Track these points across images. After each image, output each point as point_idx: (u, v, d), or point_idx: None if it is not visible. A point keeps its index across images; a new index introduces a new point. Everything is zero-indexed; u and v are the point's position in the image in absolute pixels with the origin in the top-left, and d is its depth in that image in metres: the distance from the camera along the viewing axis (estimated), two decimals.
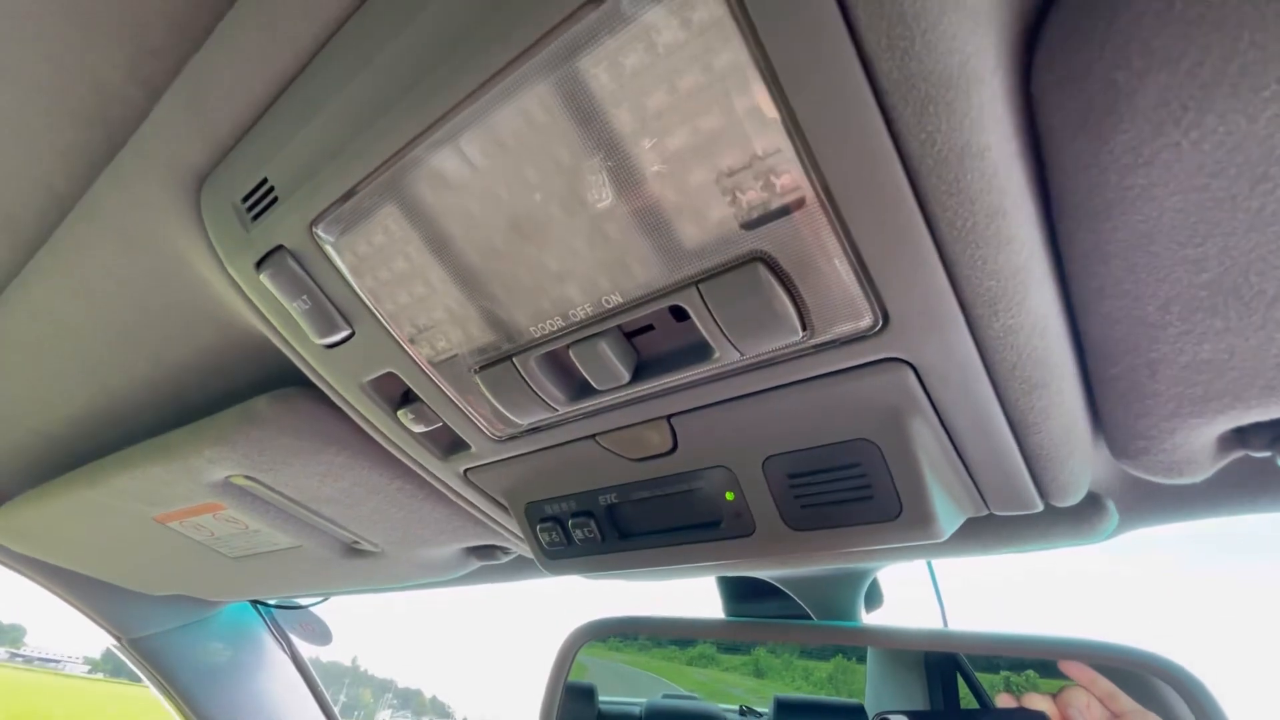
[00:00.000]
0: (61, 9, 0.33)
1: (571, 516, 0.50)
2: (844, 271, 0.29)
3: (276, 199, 0.36)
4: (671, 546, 0.46)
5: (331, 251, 0.37)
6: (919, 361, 0.32)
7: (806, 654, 0.67)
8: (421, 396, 0.45)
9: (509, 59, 0.26)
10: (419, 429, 0.48)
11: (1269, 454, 0.37)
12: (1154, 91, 0.24)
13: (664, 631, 0.71)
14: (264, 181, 0.36)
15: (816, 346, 0.33)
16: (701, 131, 0.26)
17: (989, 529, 0.50)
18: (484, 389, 0.41)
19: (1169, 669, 0.49)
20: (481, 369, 0.40)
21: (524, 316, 0.36)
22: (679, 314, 0.34)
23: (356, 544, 0.78)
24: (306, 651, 1.38)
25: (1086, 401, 0.38)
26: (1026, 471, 0.39)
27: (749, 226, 0.29)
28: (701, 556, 0.46)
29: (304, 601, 1.32)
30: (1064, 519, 0.47)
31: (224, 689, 1.26)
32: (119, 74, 0.37)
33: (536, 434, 0.45)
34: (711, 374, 0.36)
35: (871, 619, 0.68)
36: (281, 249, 0.38)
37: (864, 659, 0.64)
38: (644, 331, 0.37)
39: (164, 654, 1.23)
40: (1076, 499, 0.43)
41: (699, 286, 0.31)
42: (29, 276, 0.53)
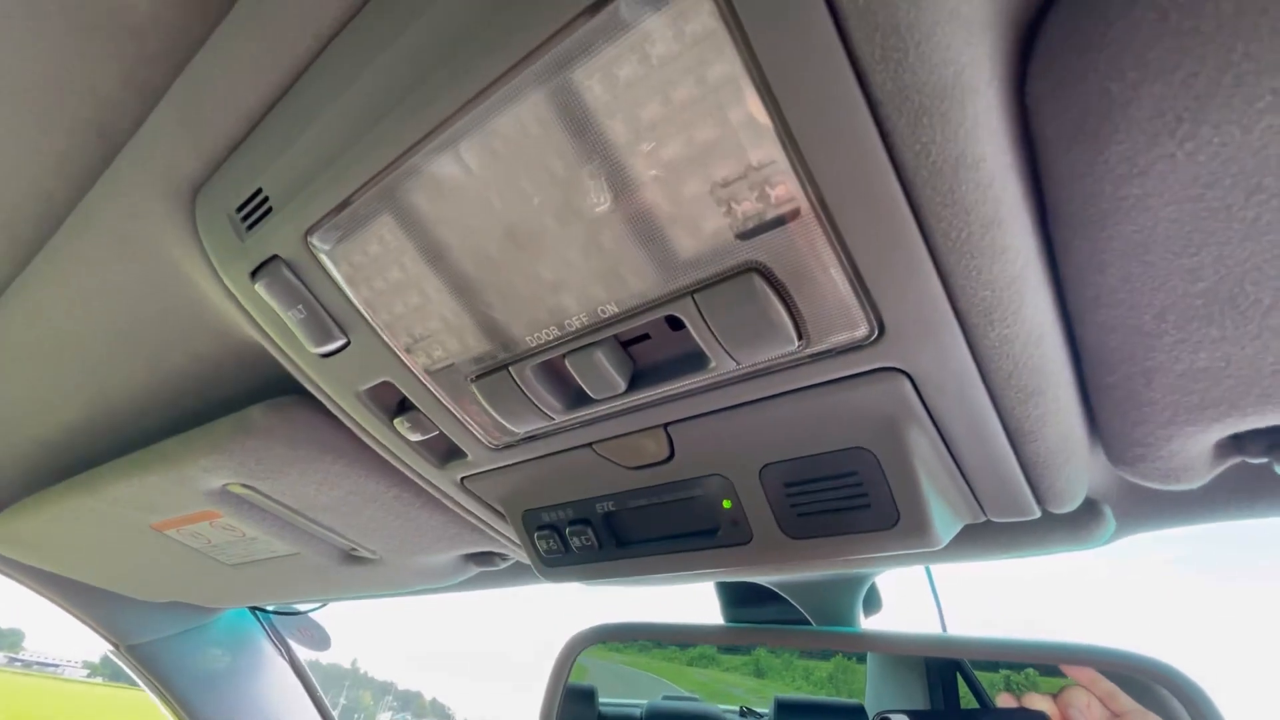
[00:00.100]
0: (57, 17, 0.33)
1: (569, 524, 0.50)
2: (839, 282, 0.29)
3: (271, 209, 0.36)
4: (669, 554, 0.46)
5: (327, 261, 0.37)
6: (915, 371, 0.32)
7: (807, 654, 0.67)
8: (418, 405, 0.45)
9: (503, 70, 0.26)
10: (415, 437, 0.48)
11: (1266, 460, 0.37)
12: (1148, 102, 0.24)
13: (663, 637, 0.71)
14: (259, 191, 0.36)
15: (812, 356, 0.33)
16: (696, 142, 0.26)
17: (986, 535, 0.50)
18: (480, 398, 0.41)
19: (1166, 673, 0.49)
20: (478, 378, 0.40)
21: (520, 326, 0.36)
22: (675, 323, 0.34)
23: (354, 551, 0.78)
24: (305, 654, 1.38)
25: (1083, 409, 0.38)
26: (1023, 479, 0.39)
27: (744, 237, 0.29)
28: (699, 564, 0.46)
29: (302, 607, 1.32)
30: (1061, 525, 0.47)
31: (223, 695, 1.26)
32: (114, 82, 0.37)
33: (533, 442, 0.45)
34: (708, 383, 0.36)
35: (871, 623, 0.68)
36: (276, 259, 0.38)
37: (864, 659, 0.64)
38: (641, 340, 0.37)
39: (162, 660, 1.22)
40: (1073, 505, 0.43)
41: (694, 297, 0.31)
42: (25, 283, 0.53)
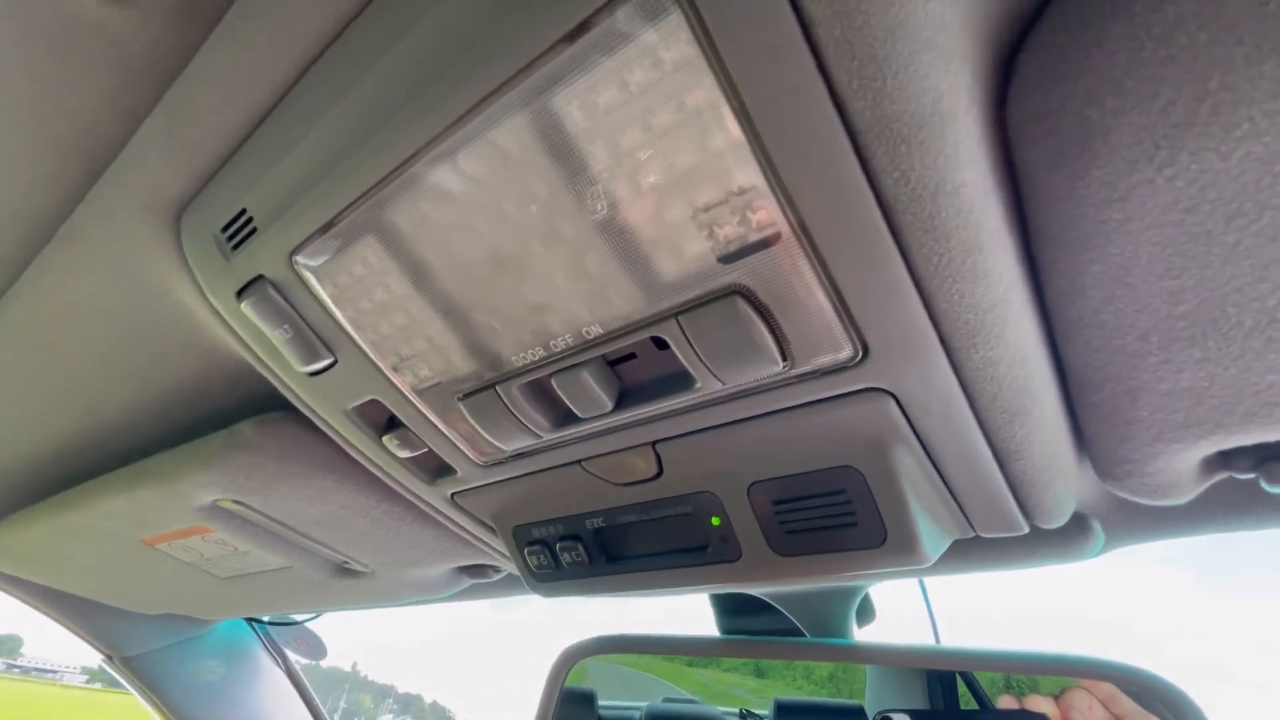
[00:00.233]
0: (40, 38, 0.33)
1: (559, 540, 0.50)
2: (822, 305, 0.29)
3: (256, 229, 0.36)
4: (658, 570, 0.46)
5: (312, 281, 0.37)
6: (900, 392, 0.32)
7: None
8: (406, 423, 0.45)
9: (484, 94, 0.26)
10: (404, 454, 0.48)
11: (1253, 476, 0.37)
12: (1127, 130, 0.24)
13: (658, 649, 0.70)
14: (243, 212, 0.36)
15: (798, 377, 0.33)
16: (676, 167, 0.26)
17: (976, 549, 0.50)
18: (468, 416, 0.41)
19: (1156, 684, 0.49)
20: (465, 397, 0.40)
21: (506, 346, 0.36)
22: (662, 342, 0.34)
23: (347, 564, 0.78)
24: (304, 660, 1.38)
25: (1070, 426, 0.38)
26: (1011, 496, 0.38)
27: (726, 260, 0.29)
28: (688, 580, 0.46)
29: (298, 616, 1.31)
30: (1051, 539, 0.47)
31: (219, 706, 1.25)
32: (98, 103, 0.37)
33: (522, 459, 0.45)
34: (694, 402, 0.36)
35: (864, 634, 0.68)
36: (262, 279, 0.38)
37: None
38: (628, 359, 0.36)
39: (158, 671, 1.22)
40: (1061, 521, 0.43)
41: (679, 319, 0.31)
42: (11, 302, 0.53)
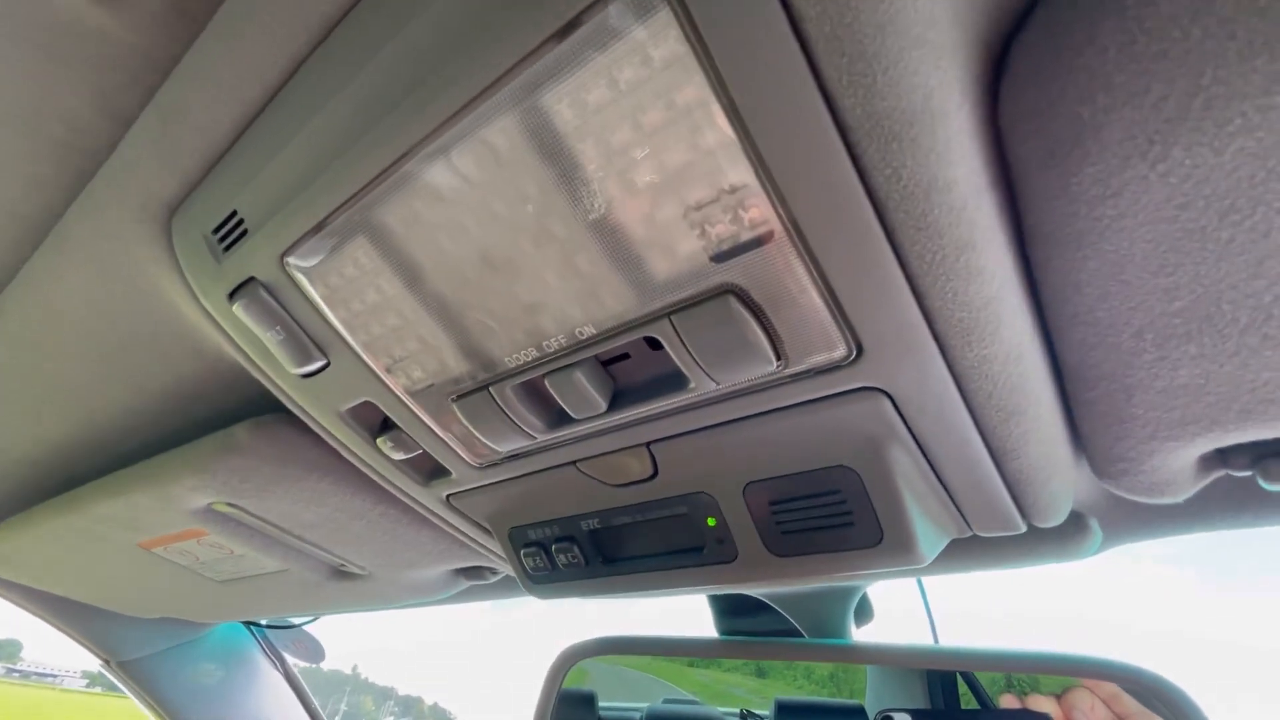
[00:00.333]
0: (28, 42, 0.33)
1: (555, 542, 0.50)
2: (815, 303, 0.29)
3: (247, 231, 0.35)
4: (655, 572, 0.46)
5: (304, 283, 0.37)
6: (894, 391, 0.32)
7: None
8: (400, 425, 0.45)
9: (473, 94, 0.26)
10: (399, 456, 0.47)
11: (1250, 473, 0.37)
12: (1119, 126, 0.24)
13: (657, 651, 0.70)
14: (234, 214, 0.35)
15: (792, 376, 0.33)
16: (667, 166, 0.26)
17: (974, 548, 0.50)
18: (462, 418, 0.41)
19: (1159, 685, 0.49)
20: (459, 398, 0.40)
21: (498, 347, 0.36)
22: (655, 342, 0.34)
23: (343, 567, 0.77)
24: (303, 663, 1.37)
25: (1066, 425, 0.38)
26: (1008, 495, 0.38)
27: (719, 259, 0.28)
28: (685, 581, 0.45)
29: (296, 619, 1.31)
30: (1048, 538, 0.47)
31: (217, 709, 1.25)
32: (87, 106, 0.36)
33: (517, 460, 0.45)
34: (689, 402, 0.36)
35: (863, 633, 0.68)
36: (253, 280, 0.38)
37: None
38: (622, 359, 0.36)
39: (155, 675, 1.21)
40: (1059, 520, 0.42)
41: (671, 318, 0.31)
42: (2, 305, 0.52)
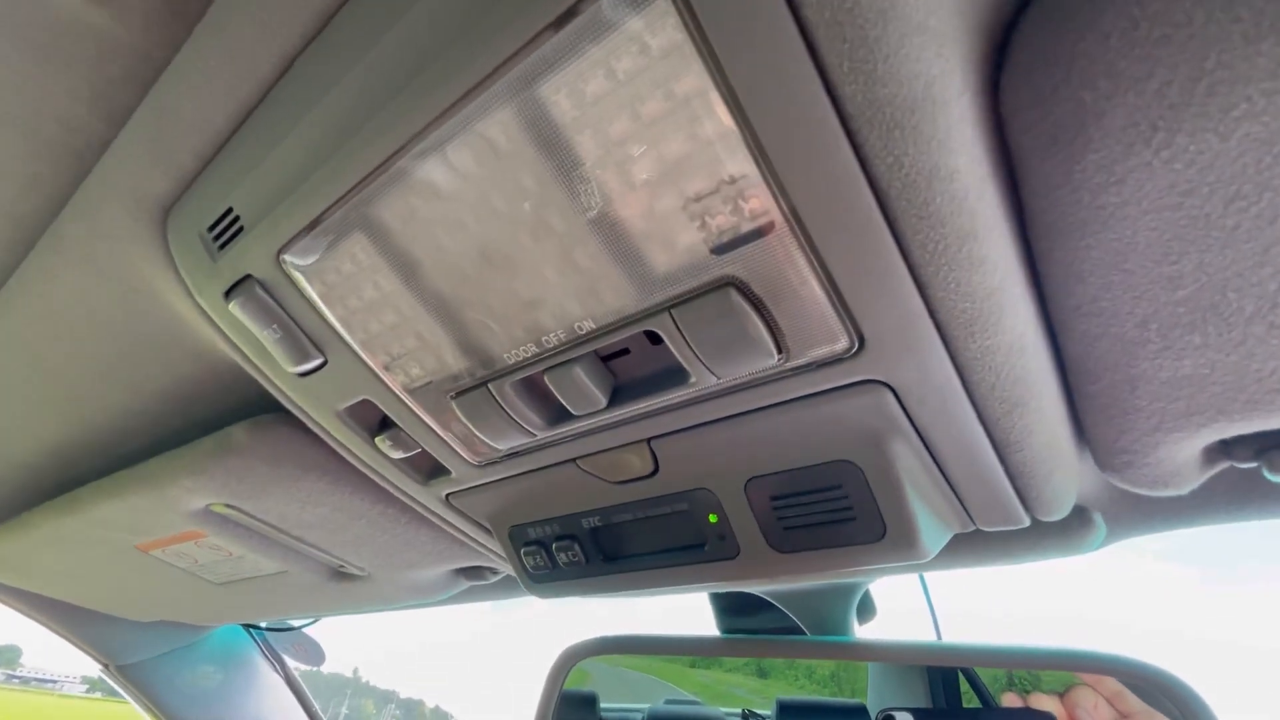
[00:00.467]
0: (18, 41, 0.33)
1: (555, 540, 0.49)
2: (817, 295, 0.28)
3: (242, 228, 0.35)
4: (656, 569, 0.46)
5: (301, 280, 0.36)
6: (897, 383, 0.32)
7: None
8: (399, 423, 0.44)
9: (468, 87, 0.26)
10: (397, 455, 0.47)
11: (1255, 465, 0.37)
12: (1122, 112, 0.23)
13: (658, 650, 0.70)
14: (229, 211, 0.35)
15: (793, 370, 0.32)
16: (667, 157, 0.26)
17: (976, 542, 0.50)
18: (461, 415, 0.40)
19: (1164, 680, 0.48)
20: (457, 395, 0.39)
21: (497, 343, 0.36)
22: (655, 338, 0.33)
23: (342, 568, 0.77)
24: (304, 666, 1.37)
25: (1070, 417, 0.38)
26: (1011, 489, 0.38)
27: (719, 251, 0.28)
28: (687, 579, 0.45)
29: (296, 621, 1.30)
30: (1052, 532, 0.47)
31: (217, 713, 1.24)
32: (80, 105, 0.36)
33: (516, 458, 0.45)
34: (689, 397, 0.36)
35: (865, 630, 0.68)
36: (250, 278, 0.37)
37: None
38: (621, 354, 0.36)
39: (155, 679, 1.21)
40: (1063, 514, 0.42)
41: (672, 312, 0.31)
42: None
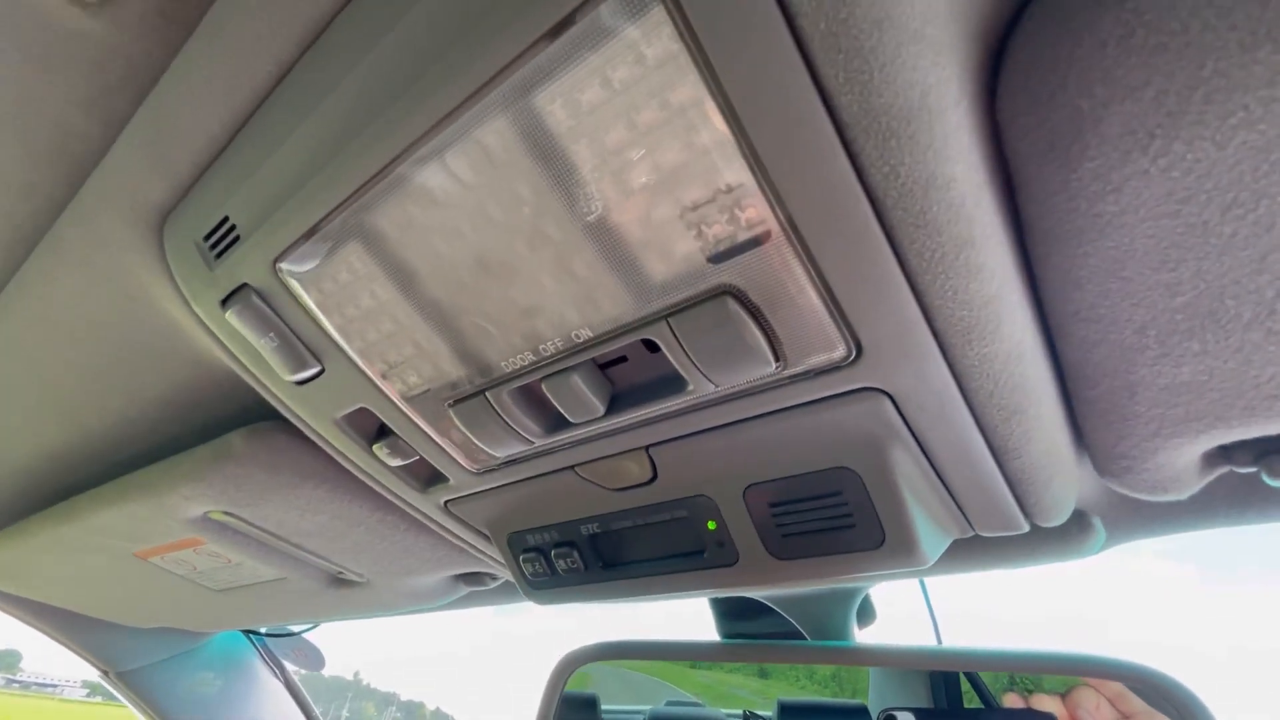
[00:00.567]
0: (16, 45, 0.33)
1: (554, 547, 0.49)
2: (814, 303, 0.28)
3: (239, 237, 0.35)
4: (655, 576, 0.46)
5: (297, 289, 0.36)
6: (895, 391, 0.32)
7: None
8: (396, 431, 0.44)
9: (464, 96, 0.26)
10: (395, 463, 0.47)
11: (1254, 469, 0.36)
12: (1119, 119, 0.23)
13: (658, 655, 0.70)
14: (225, 220, 0.35)
15: (791, 377, 0.32)
16: (663, 166, 0.26)
17: (976, 548, 0.50)
18: (458, 423, 0.40)
19: (1165, 684, 0.48)
20: (455, 403, 0.39)
21: (494, 351, 0.36)
22: (653, 345, 0.33)
23: (341, 574, 0.77)
24: (302, 670, 1.37)
25: (1068, 423, 0.38)
26: (1010, 495, 0.38)
27: (716, 260, 0.28)
28: (686, 586, 0.45)
29: (295, 627, 1.30)
30: (1051, 537, 0.47)
31: (217, 719, 1.24)
32: (77, 111, 0.36)
33: (515, 466, 0.45)
34: (687, 405, 0.36)
35: (865, 635, 0.68)
36: (246, 287, 0.37)
37: None
38: (619, 362, 0.36)
39: (155, 686, 1.20)
40: (1062, 519, 0.42)
41: (669, 320, 0.30)
42: None
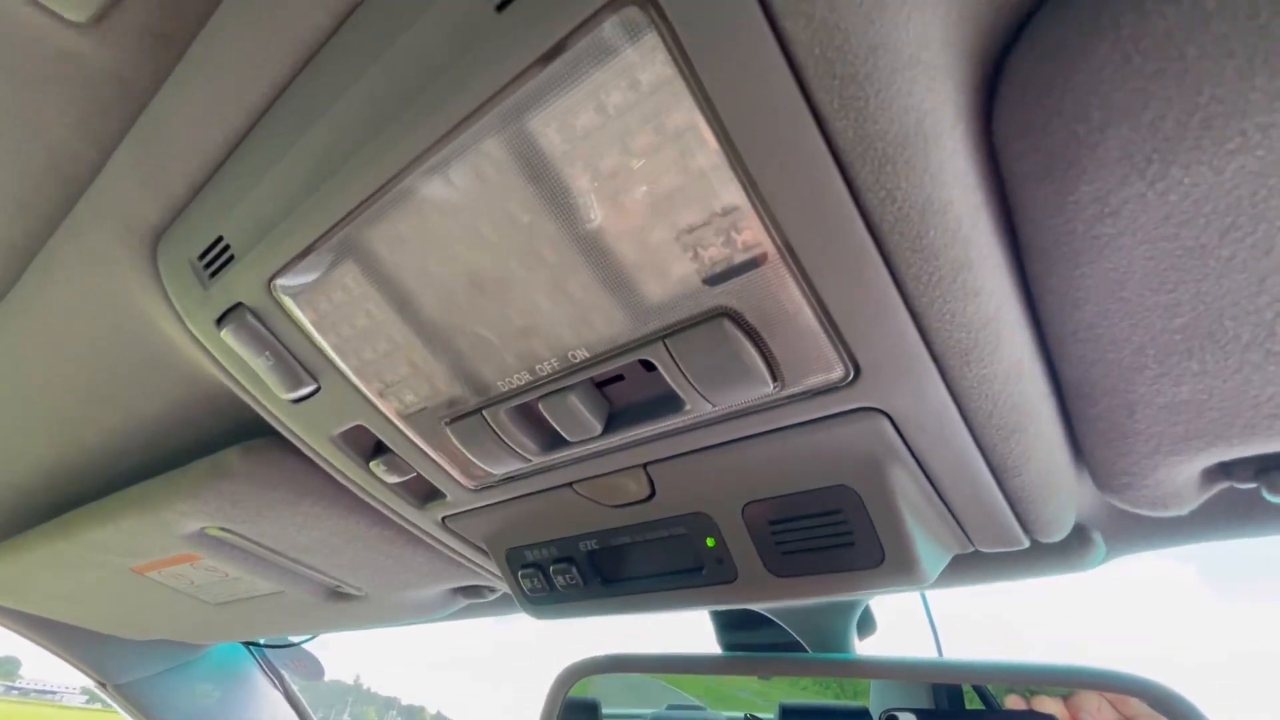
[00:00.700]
0: (10, 65, 0.33)
1: (553, 563, 0.49)
2: (811, 325, 0.28)
3: (233, 257, 0.35)
4: (654, 592, 0.45)
5: (293, 308, 0.36)
6: (893, 411, 0.31)
7: None
8: (393, 448, 0.44)
9: (460, 118, 0.26)
10: (393, 480, 0.47)
11: (1255, 485, 0.36)
12: (1116, 144, 0.23)
13: (659, 669, 0.69)
14: (220, 239, 0.35)
15: (789, 397, 0.32)
16: (658, 189, 0.26)
17: (976, 562, 0.50)
18: (455, 441, 0.40)
19: (1169, 699, 0.48)
20: (452, 422, 0.39)
21: (491, 371, 0.35)
22: (650, 364, 0.33)
23: (339, 588, 0.76)
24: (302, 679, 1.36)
25: (1068, 439, 0.37)
26: (1010, 512, 0.38)
27: (712, 282, 0.28)
28: (685, 602, 0.45)
29: (295, 637, 1.30)
30: (1051, 551, 0.47)
31: None
32: (69, 131, 0.36)
33: (512, 482, 0.44)
34: (685, 424, 0.36)
35: (865, 646, 0.67)
36: (241, 306, 0.37)
37: None
38: (616, 380, 0.36)
39: (153, 698, 1.20)
40: (1062, 535, 0.42)
41: (666, 341, 0.30)
42: None
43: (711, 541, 0.42)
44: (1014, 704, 0.55)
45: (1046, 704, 0.53)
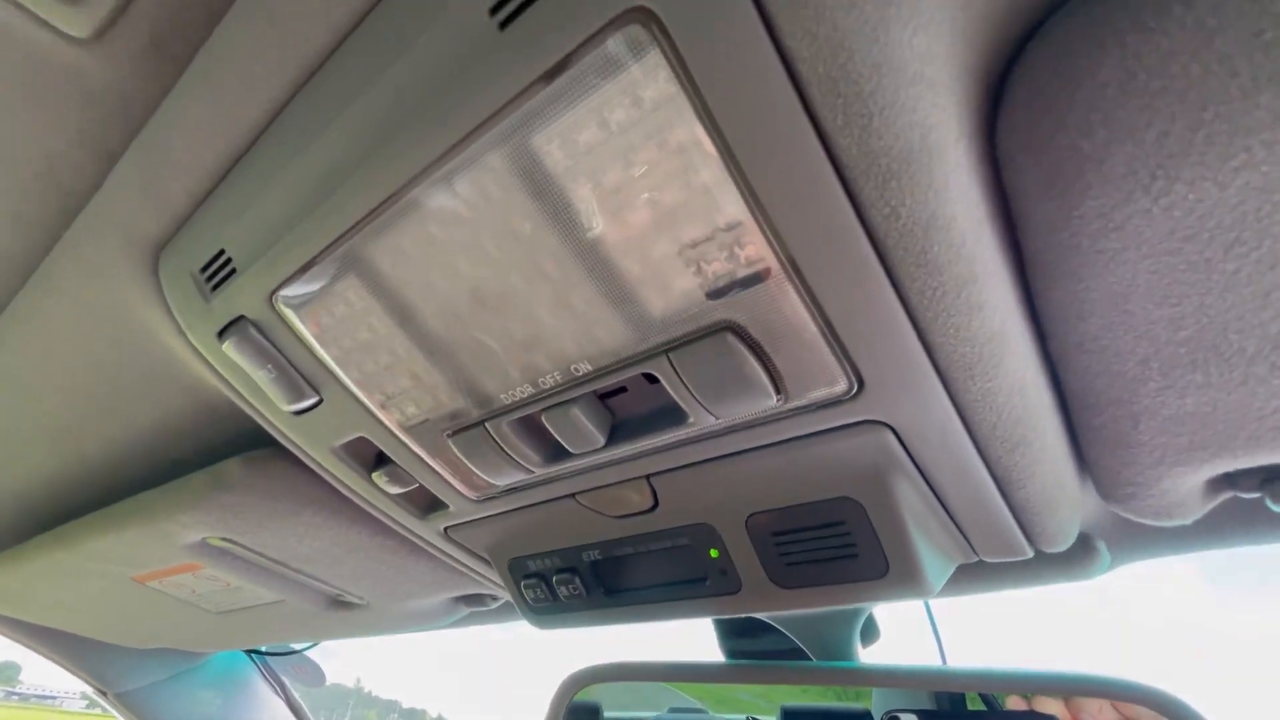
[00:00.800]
0: (11, 79, 0.33)
1: (556, 573, 0.49)
2: (815, 339, 0.28)
3: (235, 270, 0.35)
4: (658, 603, 0.45)
5: (295, 321, 0.36)
6: (897, 424, 0.31)
7: None
8: (395, 459, 0.44)
9: (463, 134, 0.26)
10: (395, 491, 0.47)
11: (1259, 495, 0.36)
12: (1121, 160, 0.23)
13: (662, 677, 0.69)
14: (221, 253, 0.35)
15: (793, 410, 0.32)
16: (661, 205, 0.26)
17: (980, 571, 0.49)
18: (457, 453, 0.40)
19: (1174, 707, 0.48)
20: (454, 434, 0.39)
21: (493, 384, 0.35)
22: (654, 377, 0.33)
23: (341, 597, 0.76)
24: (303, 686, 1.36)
25: (1072, 449, 0.37)
26: (1015, 523, 0.38)
27: (715, 296, 0.28)
28: (688, 612, 0.45)
29: (296, 644, 1.29)
30: (1056, 560, 0.47)
31: None
32: (70, 144, 0.36)
33: (515, 493, 0.44)
34: (688, 437, 0.35)
35: (869, 654, 0.67)
36: (243, 319, 0.37)
37: None
38: (619, 392, 0.36)
39: (155, 706, 1.19)
40: (1066, 545, 0.42)
41: (669, 355, 0.30)
42: None
43: (715, 552, 0.41)
44: (1015, 704, 0.55)
45: (1047, 704, 0.53)
